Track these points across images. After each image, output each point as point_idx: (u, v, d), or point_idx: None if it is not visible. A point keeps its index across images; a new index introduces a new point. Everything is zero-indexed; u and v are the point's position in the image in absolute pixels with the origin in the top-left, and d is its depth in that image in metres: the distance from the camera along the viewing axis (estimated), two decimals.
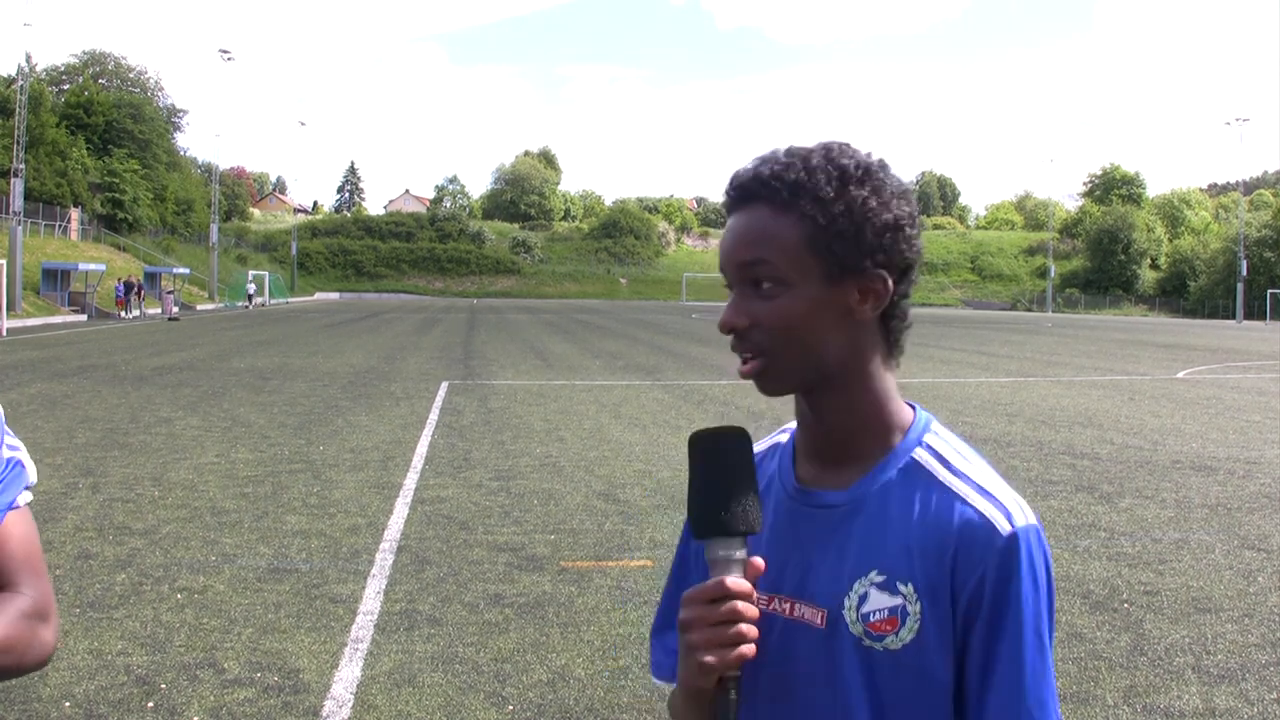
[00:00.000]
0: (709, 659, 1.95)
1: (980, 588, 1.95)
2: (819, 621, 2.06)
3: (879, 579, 2.01)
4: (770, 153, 2.13)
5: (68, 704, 7.40)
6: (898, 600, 1.99)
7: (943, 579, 1.98)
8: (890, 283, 2.05)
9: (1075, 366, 39.54)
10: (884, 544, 2.03)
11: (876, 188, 2.04)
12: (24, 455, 2.35)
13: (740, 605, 1.95)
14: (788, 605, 2.11)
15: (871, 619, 2.00)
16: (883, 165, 2.09)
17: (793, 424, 2.25)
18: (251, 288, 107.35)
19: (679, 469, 16.14)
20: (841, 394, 2.09)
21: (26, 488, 2.32)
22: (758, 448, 2.31)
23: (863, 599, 2.02)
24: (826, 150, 2.07)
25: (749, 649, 1.96)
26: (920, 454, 2.09)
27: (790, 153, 2.09)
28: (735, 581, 1.96)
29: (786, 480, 2.20)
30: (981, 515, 1.98)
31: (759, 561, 2.02)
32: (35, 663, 2.21)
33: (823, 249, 2.01)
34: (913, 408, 2.17)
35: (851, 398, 2.10)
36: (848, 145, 2.09)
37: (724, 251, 2.12)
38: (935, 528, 2.00)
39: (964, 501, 2.01)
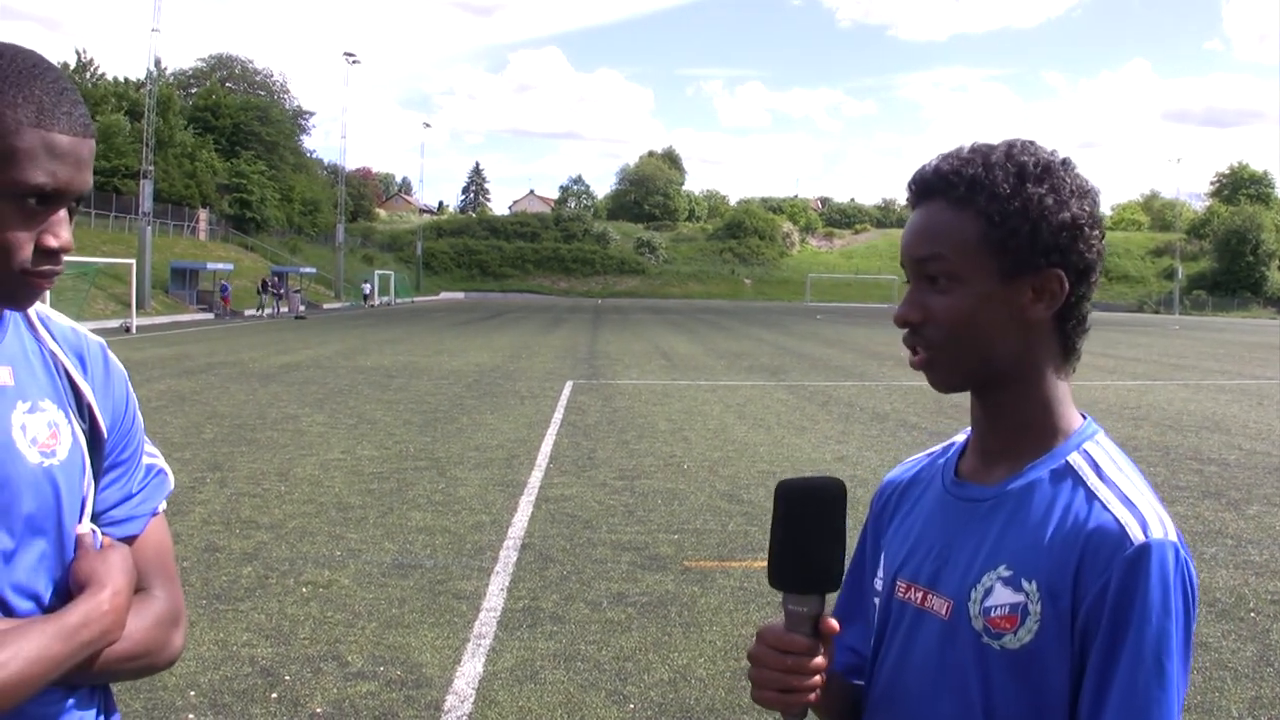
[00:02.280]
0: (764, 697, 2.03)
1: (1101, 598, 1.89)
2: (944, 612, 2.06)
3: (1006, 573, 1.99)
4: (954, 148, 2.12)
5: (193, 693, 7.48)
6: (1020, 598, 1.96)
7: (1066, 583, 1.93)
8: (1066, 283, 2.02)
9: (1202, 370, 38.91)
10: (1017, 540, 2.01)
11: (1055, 186, 2.01)
12: (163, 463, 2.41)
13: (798, 662, 1.99)
14: (920, 595, 2.11)
15: (992, 614, 1.98)
16: (1065, 164, 2.05)
17: None
18: (366, 287, 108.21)
19: (803, 469, 16.09)
20: (1010, 394, 2.08)
21: (166, 496, 2.38)
22: (933, 448, 2.35)
23: (988, 592, 2.00)
24: (1009, 147, 2.05)
25: (805, 698, 2.02)
26: (1075, 458, 2.05)
27: (973, 149, 2.08)
28: (799, 640, 2.00)
29: (947, 473, 2.21)
30: (1116, 521, 1.93)
31: (833, 623, 2.03)
32: (164, 665, 2.26)
33: (997, 246, 2.00)
34: (1084, 417, 2.14)
35: (1019, 398, 2.08)
36: (1031, 143, 2.07)
37: (902, 246, 2.11)
38: (1068, 529, 1.96)
39: (1103, 506, 1.96)
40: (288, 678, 7.83)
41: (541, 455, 17.37)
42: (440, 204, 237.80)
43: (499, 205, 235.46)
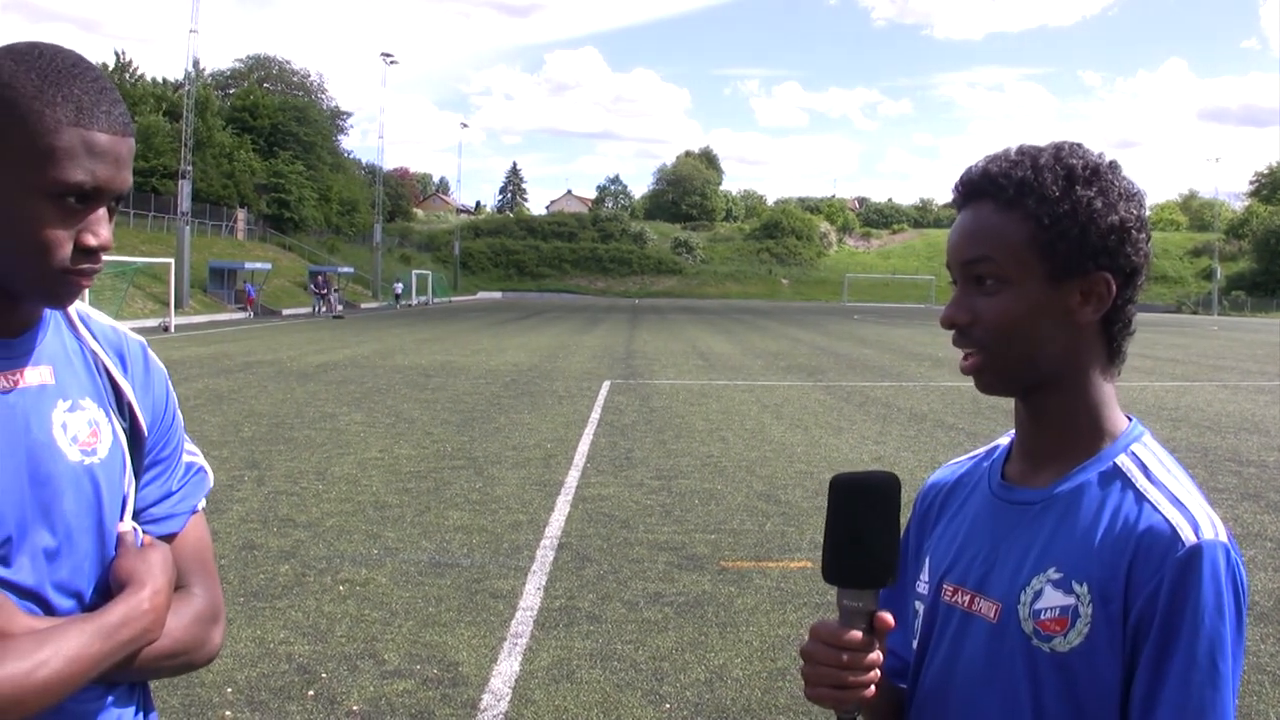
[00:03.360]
0: (819, 694, 2.03)
1: (1153, 600, 1.88)
2: (993, 615, 2.05)
3: (1055, 576, 1.98)
4: (1002, 150, 2.12)
5: (230, 690, 7.51)
6: (1070, 600, 1.95)
7: (1117, 585, 1.92)
8: (1113, 286, 2.02)
9: (1241, 371, 38.70)
10: (1067, 543, 2.00)
11: (1104, 189, 2.01)
12: (203, 461, 2.42)
13: (854, 658, 1.99)
14: (968, 598, 2.10)
15: (1042, 616, 1.97)
16: (1113, 166, 2.05)
17: None
18: (399, 287, 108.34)
19: (841, 470, 15.97)
20: (1057, 396, 2.08)
21: (205, 494, 2.39)
22: (976, 450, 2.35)
23: (1037, 595, 1.99)
24: (1056, 149, 2.05)
25: (861, 694, 2.01)
26: (1123, 460, 2.05)
27: (1020, 151, 2.08)
28: (855, 636, 2.00)
29: (994, 477, 2.20)
30: (1168, 523, 1.92)
31: (888, 618, 2.02)
32: (203, 662, 2.26)
33: (1046, 249, 2.00)
34: (1129, 419, 2.13)
35: (1067, 401, 2.08)
36: (1079, 145, 2.07)
37: (949, 247, 2.11)
38: (1119, 531, 1.95)
39: (1153, 508, 1.95)
40: (325, 675, 7.86)
41: (579, 455, 17.39)
42: (478, 204, 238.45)
43: (536, 205, 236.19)
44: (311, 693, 7.55)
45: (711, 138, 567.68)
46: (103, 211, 1.98)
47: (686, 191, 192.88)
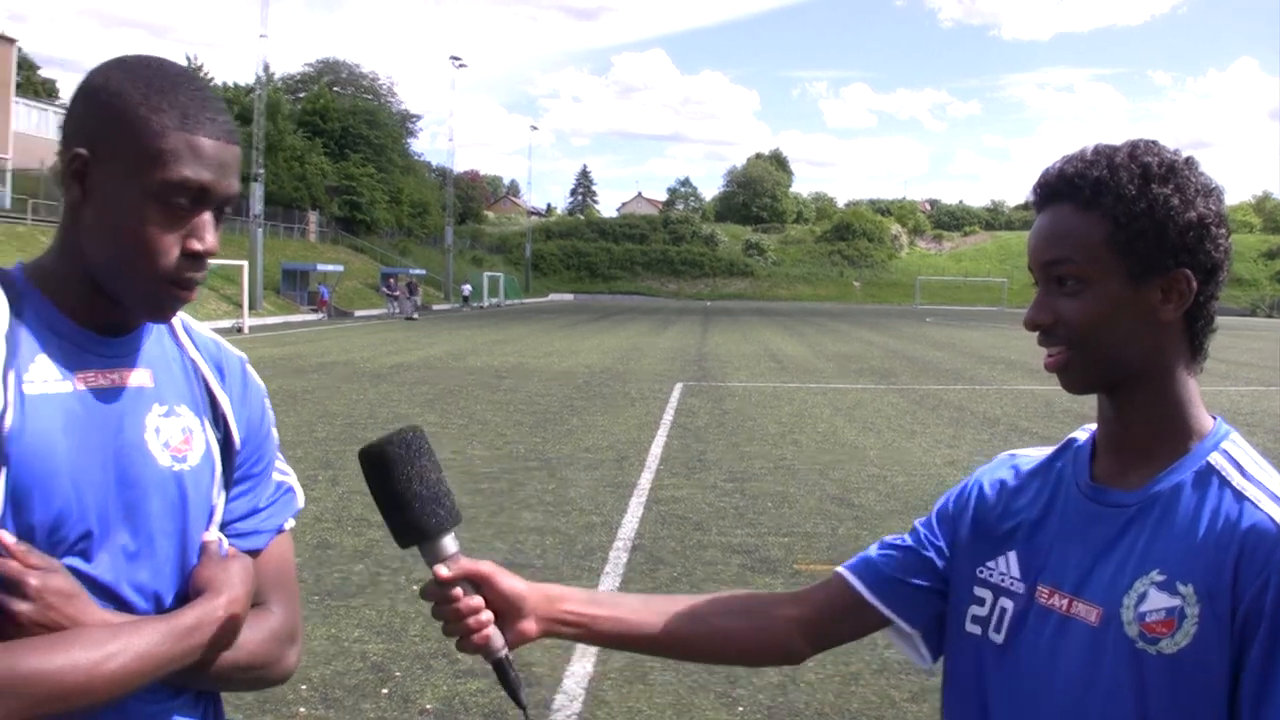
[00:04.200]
0: (462, 646, 2.20)
1: (1261, 597, 1.86)
2: (1093, 619, 2.02)
3: (1159, 578, 1.96)
4: (1077, 150, 2.11)
5: (304, 687, 7.57)
6: (1176, 601, 1.93)
7: (1223, 584, 1.89)
8: (1194, 283, 2.01)
9: None
10: (1168, 544, 1.98)
11: (1180, 186, 1.99)
12: (294, 481, 2.45)
13: (442, 609, 2.17)
14: (1065, 601, 2.08)
15: (1147, 619, 1.95)
16: (1189, 163, 2.04)
17: (1092, 425, 2.22)
18: (466, 289, 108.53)
19: (914, 473, 16.01)
20: (1142, 394, 2.07)
21: (294, 514, 2.41)
22: (1040, 452, 2.34)
23: (1141, 598, 1.97)
24: (1132, 148, 2.04)
25: (468, 640, 2.18)
26: (1216, 458, 2.03)
27: (1096, 151, 2.07)
28: (437, 579, 2.17)
29: (1080, 478, 2.17)
30: (1270, 519, 1.91)
31: (439, 570, 2.16)
32: (276, 680, 2.29)
33: (1125, 248, 1.99)
34: (1214, 418, 2.12)
35: (1152, 399, 2.07)
36: (1155, 143, 2.06)
37: (1029, 249, 2.10)
38: (1221, 530, 1.94)
39: (1254, 505, 1.94)
40: (398, 674, 7.92)
41: (652, 457, 17.41)
42: (548, 206, 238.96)
43: (606, 207, 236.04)
44: (385, 691, 7.61)
45: (780, 139, 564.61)
46: (208, 217, 2.02)
47: (757, 193, 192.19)
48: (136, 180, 1.95)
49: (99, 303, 2.06)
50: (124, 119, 1.96)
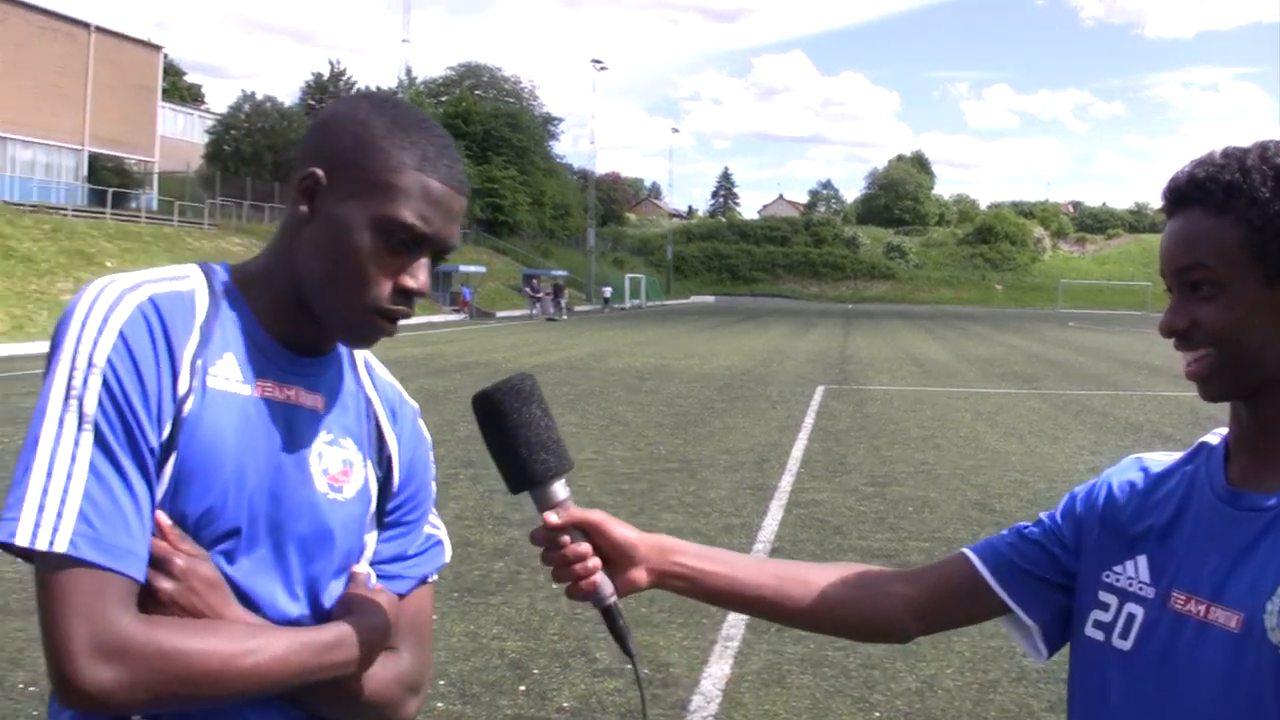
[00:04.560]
0: (570, 593, 2.23)
1: None
2: (1234, 625, 1.97)
3: None
4: (1206, 154, 2.08)
5: (442, 683, 7.66)
6: None
7: None
8: None
9: None
10: None
11: None
12: (444, 536, 2.46)
13: (550, 554, 2.20)
14: (1203, 608, 2.03)
15: None
16: None
17: (1224, 429, 2.18)
18: (607, 291, 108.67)
19: (1056, 480, 15.84)
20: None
21: (439, 568, 2.43)
22: (1168, 456, 2.28)
23: None
24: (1262, 150, 2.01)
25: (577, 585, 2.21)
26: None
27: (1226, 154, 2.04)
28: (545, 525, 2.18)
29: (1215, 482, 2.13)
30: None
31: (549, 517, 2.17)
32: None
33: (1260, 251, 1.96)
34: None
35: None
36: None
37: (1162, 256, 2.08)
38: None
39: None
40: (536, 671, 7.99)
41: (792, 460, 17.39)
42: (690, 208, 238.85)
43: (748, 209, 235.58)
44: (523, 688, 7.67)
45: (921, 141, 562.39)
46: (425, 260, 2.07)
47: (899, 195, 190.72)
48: (365, 209, 2.00)
49: (296, 320, 2.11)
50: (365, 147, 2.02)
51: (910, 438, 20.24)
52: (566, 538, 2.16)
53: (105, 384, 1.87)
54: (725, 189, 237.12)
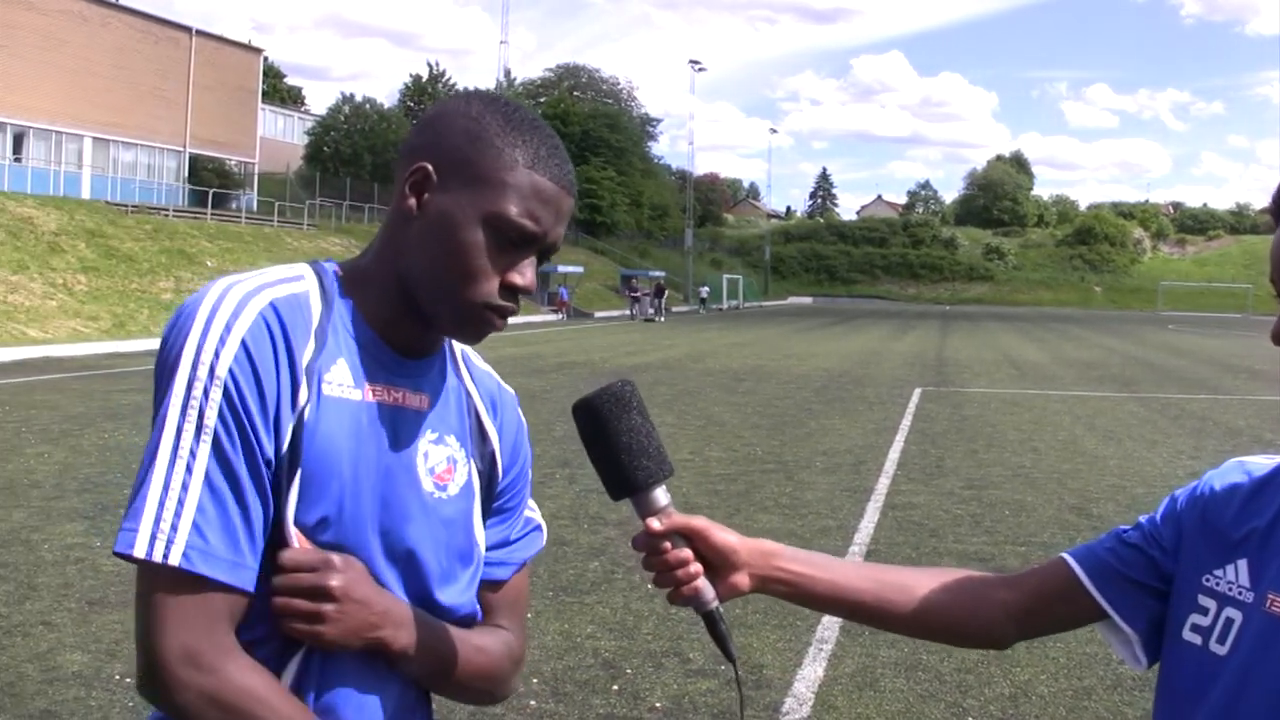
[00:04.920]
0: (672, 598, 2.20)
1: None
2: None
3: None
4: None
5: (535, 680, 7.71)
6: None
7: None
8: None
9: None
10: None
11: None
12: (540, 519, 2.50)
13: (652, 560, 2.18)
14: None
15: None
16: None
17: None
18: (704, 291, 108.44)
19: (1154, 485, 15.70)
20: None
21: (537, 550, 2.47)
22: (1270, 461, 2.23)
23: None
24: None
25: (679, 591, 2.18)
26: None
27: None
28: (647, 532, 2.16)
29: None
30: None
31: (651, 524, 2.16)
32: (500, 697, 2.37)
33: None
34: None
35: None
36: None
37: (1272, 260, 2.02)
38: None
39: None
40: (629, 671, 8.03)
41: (889, 462, 17.36)
42: (788, 209, 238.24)
43: (846, 210, 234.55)
44: (616, 687, 7.72)
45: (1020, 141, 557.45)
46: (533, 258, 2.09)
47: (997, 196, 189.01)
48: (475, 204, 2.02)
49: (404, 320, 2.13)
50: (478, 143, 2.04)
51: (1007, 441, 20.13)
52: (668, 543, 2.16)
53: (226, 395, 1.90)
54: (823, 189, 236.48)
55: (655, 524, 2.15)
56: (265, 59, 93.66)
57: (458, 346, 2.35)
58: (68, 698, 7.24)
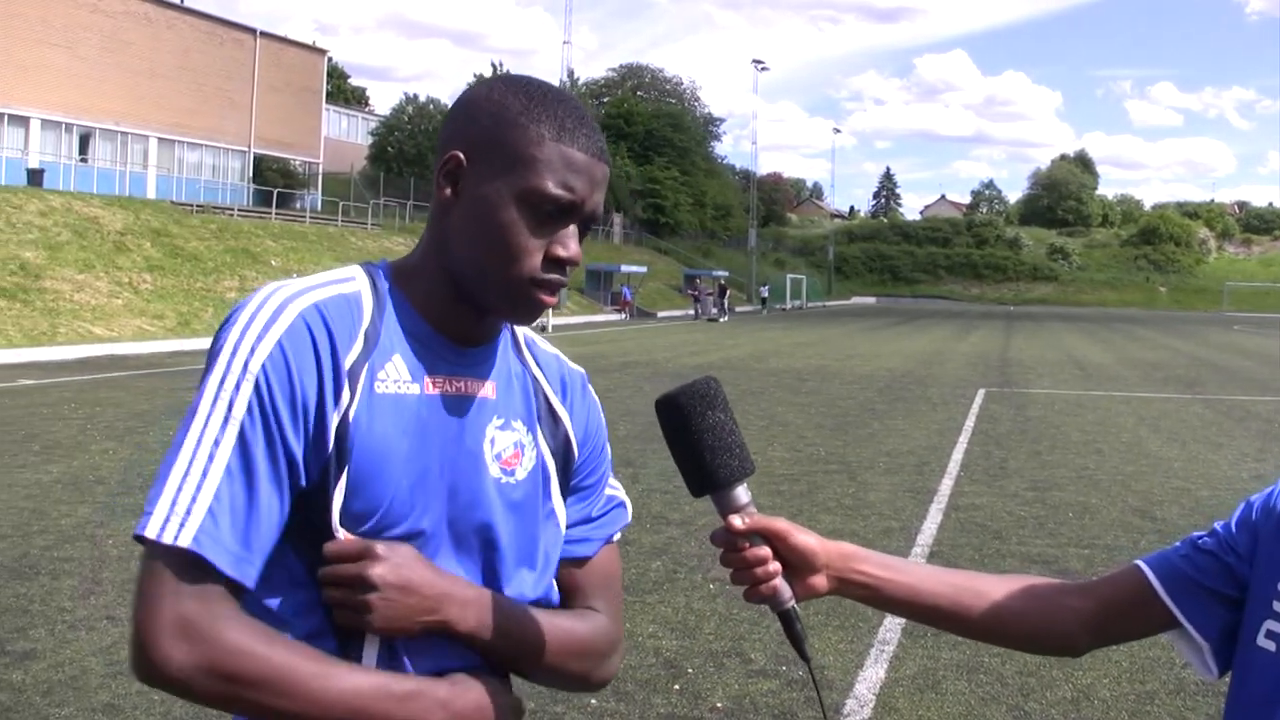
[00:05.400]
0: (749, 596, 2.20)
1: None
2: None
3: None
4: None
5: None
6: None
7: None
8: None
9: None
10: None
11: None
12: (624, 496, 2.52)
13: (728, 556, 2.19)
14: None
15: None
16: None
17: None
18: (764, 291, 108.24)
19: (1218, 488, 15.60)
20: None
21: (622, 526, 2.48)
22: None
23: None
24: None
25: (756, 589, 2.18)
26: None
27: None
28: (728, 529, 2.18)
29: None
30: None
31: (733, 521, 2.17)
32: (598, 683, 2.36)
33: None
34: None
35: None
36: None
37: None
38: None
39: None
40: (690, 671, 8.04)
41: (953, 463, 17.32)
42: (851, 209, 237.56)
43: (910, 210, 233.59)
44: (677, 687, 7.73)
45: (1084, 140, 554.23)
46: (573, 228, 2.11)
47: (1062, 196, 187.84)
48: (509, 184, 2.04)
49: (458, 311, 2.15)
50: (504, 125, 2.06)
51: (1071, 442, 20.02)
52: (747, 541, 2.17)
53: (257, 389, 1.94)
54: (887, 189, 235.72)
55: (736, 521, 2.17)
56: (329, 60, 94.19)
57: (520, 331, 2.37)
58: (131, 692, 7.33)
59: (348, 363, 2.02)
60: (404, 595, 2.01)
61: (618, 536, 2.46)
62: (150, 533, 1.87)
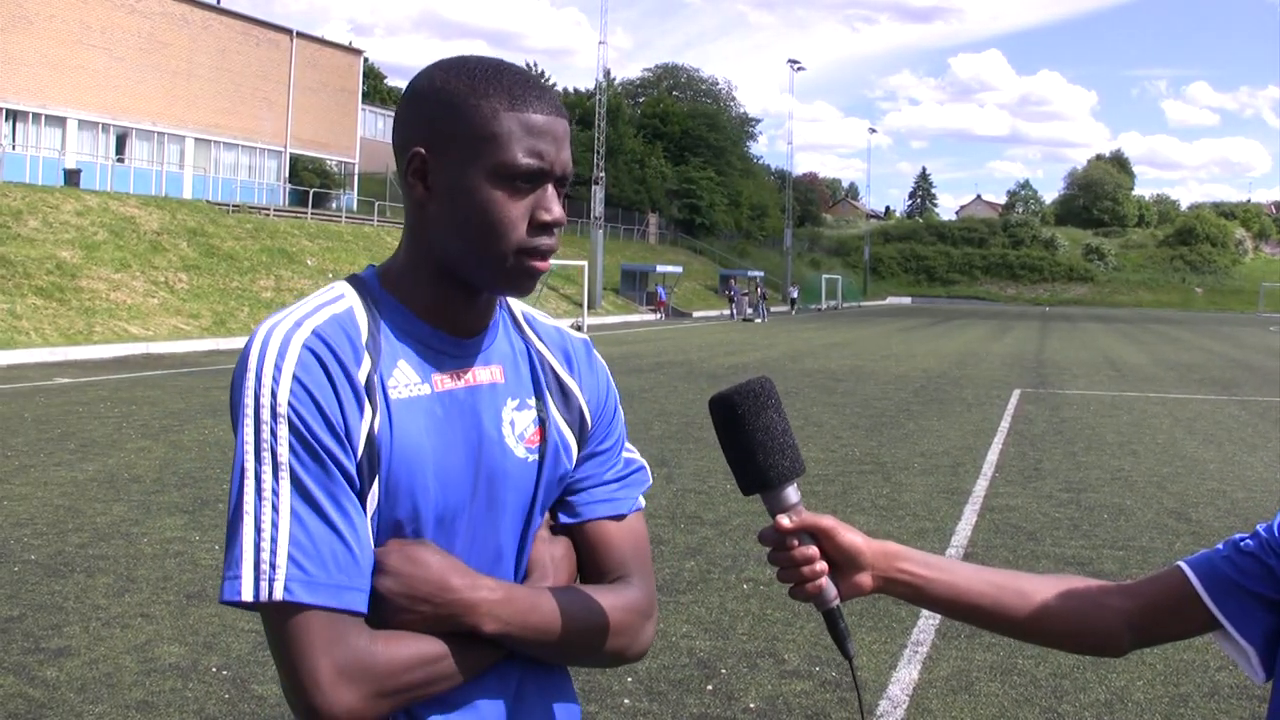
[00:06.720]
0: (794, 594, 2.23)
1: None
2: None
3: None
4: None
5: (630, 679, 7.75)
6: None
7: None
8: None
9: None
10: None
11: None
12: (642, 460, 2.51)
13: (774, 555, 2.19)
14: None
15: None
16: None
17: None
18: (794, 291, 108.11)
19: (1255, 490, 15.53)
20: None
21: (645, 488, 2.48)
22: None
23: None
24: None
25: (801, 588, 2.20)
26: None
27: None
28: (765, 534, 2.21)
29: None
30: None
31: (781, 521, 2.18)
32: (634, 655, 2.35)
33: None
34: None
35: None
36: None
37: None
38: None
39: None
40: (724, 671, 8.04)
41: (987, 464, 17.27)
42: (887, 209, 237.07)
43: (945, 210, 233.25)
44: (710, 687, 7.73)
45: (1120, 140, 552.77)
46: (550, 190, 2.12)
47: (1097, 196, 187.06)
48: (477, 166, 2.06)
49: (450, 303, 2.17)
50: (456, 110, 2.08)
51: (1106, 444, 19.95)
52: (795, 540, 2.18)
53: (292, 428, 1.96)
54: (923, 189, 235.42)
55: (785, 521, 2.18)
56: (365, 60, 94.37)
57: (518, 309, 2.40)
58: (164, 689, 7.37)
59: (361, 378, 2.04)
60: (418, 605, 2.03)
61: (642, 501, 2.46)
62: (245, 595, 1.91)
